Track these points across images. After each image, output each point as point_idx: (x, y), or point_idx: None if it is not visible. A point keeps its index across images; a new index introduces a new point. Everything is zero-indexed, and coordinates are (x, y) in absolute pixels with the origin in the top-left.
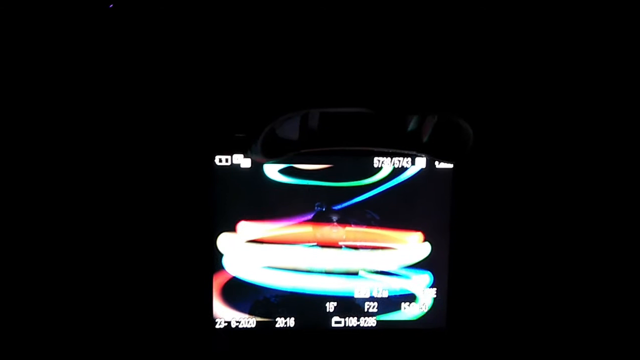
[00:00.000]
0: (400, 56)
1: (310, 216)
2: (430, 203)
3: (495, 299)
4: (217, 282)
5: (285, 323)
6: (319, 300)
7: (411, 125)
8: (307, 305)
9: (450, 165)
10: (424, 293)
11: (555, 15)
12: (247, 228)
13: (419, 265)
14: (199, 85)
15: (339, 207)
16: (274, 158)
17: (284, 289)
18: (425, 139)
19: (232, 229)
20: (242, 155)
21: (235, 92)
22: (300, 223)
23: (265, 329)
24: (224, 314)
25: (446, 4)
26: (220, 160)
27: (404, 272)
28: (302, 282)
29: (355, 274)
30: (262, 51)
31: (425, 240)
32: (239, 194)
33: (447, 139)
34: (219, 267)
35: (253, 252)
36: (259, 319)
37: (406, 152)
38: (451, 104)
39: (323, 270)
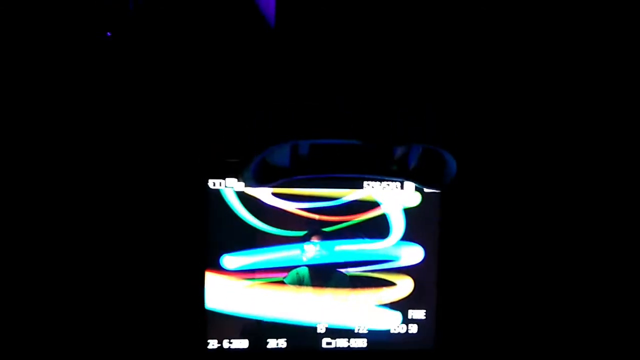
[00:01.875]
0: (386, 88)
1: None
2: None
3: (484, 320)
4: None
5: (277, 344)
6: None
7: (398, 154)
8: (298, 328)
9: (438, 191)
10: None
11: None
12: (233, 261)
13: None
14: (192, 111)
15: (329, 229)
16: (266, 185)
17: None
18: (411, 167)
19: (218, 263)
20: (235, 180)
21: (228, 117)
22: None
23: (257, 350)
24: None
25: (425, 33)
26: (214, 184)
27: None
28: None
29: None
30: (254, 78)
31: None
32: (230, 220)
33: (432, 167)
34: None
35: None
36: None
37: (394, 179)
38: (436, 136)
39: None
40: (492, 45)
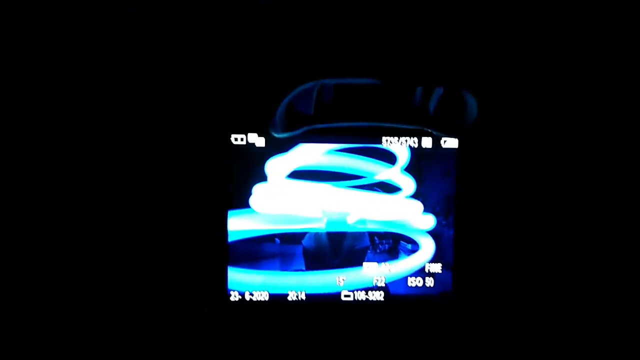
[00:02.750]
0: (408, 29)
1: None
2: (436, 180)
3: (496, 268)
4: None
5: (297, 296)
6: (330, 275)
7: (418, 99)
8: (318, 279)
9: (455, 145)
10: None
11: None
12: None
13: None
14: (214, 71)
15: (348, 184)
16: (291, 132)
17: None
18: (431, 112)
19: (247, 205)
20: (256, 135)
21: (250, 71)
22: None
23: (277, 302)
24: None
25: None
26: (236, 139)
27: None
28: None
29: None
30: (273, 29)
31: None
32: (253, 172)
33: (452, 113)
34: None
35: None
36: (272, 292)
37: (413, 127)
38: (457, 78)
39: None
40: None
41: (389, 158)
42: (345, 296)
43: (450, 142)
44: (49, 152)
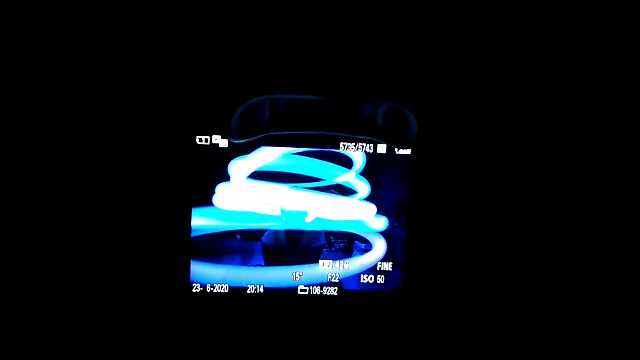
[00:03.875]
0: (356, 49)
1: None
2: (390, 184)
3: (443, 268)
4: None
5: (256, 290)
6: (287, 270)
7: (367, 113)
8: (276, 274)
9: (408, 152)
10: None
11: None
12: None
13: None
14: (182, 75)
15: (306, 185)
16: (247, 138)
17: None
18: (380, 126)
19: (210, 203)
20: (220, 137)
21: (214, 80)
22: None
23: (237, 294)
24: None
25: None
26: (201, 140)
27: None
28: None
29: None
30: (234, 47)
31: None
32: (217, 172)
33: (396, 128)
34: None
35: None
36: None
37: (365, 138)
38: (400, 94)
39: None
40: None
41: (346, 163)
42: (302, 291)
43: (403, 150)
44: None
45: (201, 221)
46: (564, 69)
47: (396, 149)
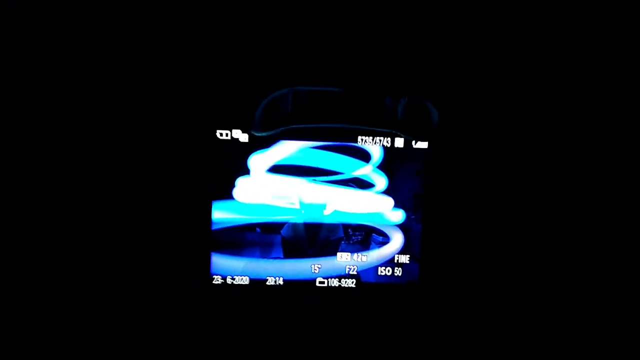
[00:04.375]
0: (377, 42)
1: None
2: (407, 178)
3: (460, 261)
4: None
5: (275, 282)
6: (306, 262)
7: (387, 106)
8: (295, 267)
9: (425, 146)
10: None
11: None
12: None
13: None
14: (203, 70)
15: (324, 179)
16: (270, 131)
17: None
18: (399, 118)
19: (230, 196)
20: (240, 131)
21: (236, 71)
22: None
23: (257, 286)
24: (220, 271)
25: None
26: (221, 134)
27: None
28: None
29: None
30: (255, 41)
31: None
32: (237, 165)
33: (417, 120)
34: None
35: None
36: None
37: (385, 130)
38: (421, 87)
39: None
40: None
41: (364, 156)
42: (320, 282)
43: (420, 143)
44: (37, 147)
45: (221, 214)
46: (579, 67)
47: (413, 143)
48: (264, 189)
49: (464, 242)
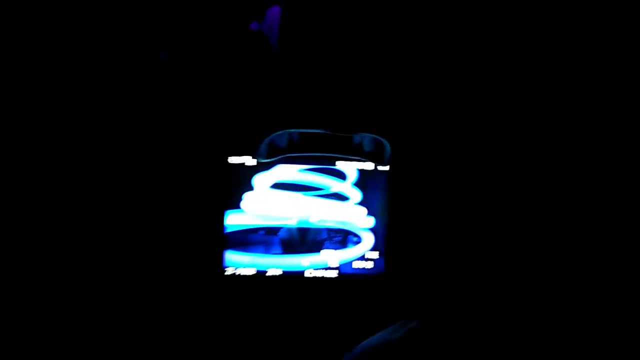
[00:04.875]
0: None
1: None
2: (376, 192)
3: (418, 256)
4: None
5: (274, 273)
6: (298, 258)
7: (356, 141)
8: (290, 261)
9: (387, 169)
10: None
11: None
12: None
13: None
14: (219, 107)
15: (313, 193)
16: (270, 158)
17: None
18: (365, 149)
19: (239, 207)
20: (249, 157)
21: (243, 114)
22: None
23: (260, 276)
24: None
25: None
26: (232, 160)
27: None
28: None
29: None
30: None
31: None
32: (244, 183)
33: (378, 150)
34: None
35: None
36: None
37: (354, 158)
38: (378, 128)
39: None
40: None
41: (342, 176)
42: (309, 273)
43: (382, 167)
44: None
45: (233, 220)
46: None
47: (378, 167)
48: (266, 201)
49: (421, 240)
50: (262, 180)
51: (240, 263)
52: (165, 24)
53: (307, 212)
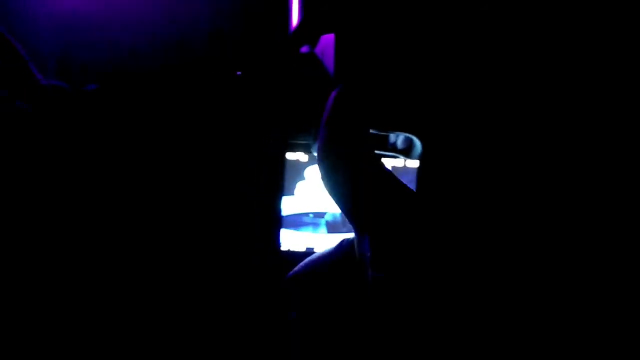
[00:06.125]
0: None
1: None
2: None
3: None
4: None
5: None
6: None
7: (392, 140)
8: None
9: (417, 164)
10: None
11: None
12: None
13: None
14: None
15: None
16: None
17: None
18: (399, 147)
19: (293, 193)
20: (302, 153)
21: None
22: None
23: (309, 253)
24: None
25: None
26: (290, 157)
27: None
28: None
29: None
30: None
31: None
32: (298, 175)
33: (409, 147)
34: None
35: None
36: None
37: (389, 154)
38: (410, 127)
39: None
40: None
41: None
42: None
43: (413, 163)
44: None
45: (287, 205)
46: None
47: (407, 163)
48: (315, 190)
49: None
50: (312, 172)
51: (292, 242)
52: (241, 51)
53: None
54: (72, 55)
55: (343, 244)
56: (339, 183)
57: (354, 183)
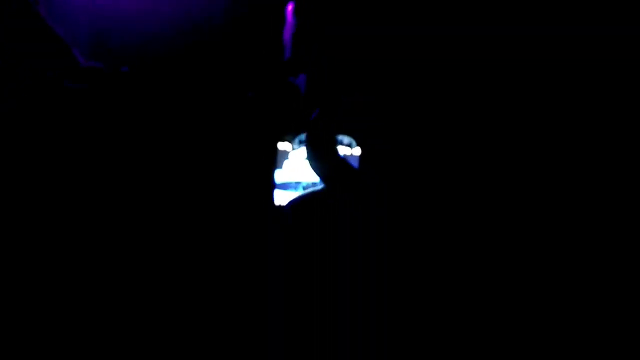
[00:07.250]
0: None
1: None
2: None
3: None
4: None
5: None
6: None
7: (343, 140)
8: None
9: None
10: None
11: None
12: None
13: None
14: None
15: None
16: (298, 147)
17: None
18: (345, 144)
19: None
20: (288, 144)
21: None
22: None
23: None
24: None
25: None
26: (279, 147)
27: None
28: None
29: None
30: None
31: None
32: (286, 158)
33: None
34: None
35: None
36: None
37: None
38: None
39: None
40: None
41: None
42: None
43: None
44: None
45: (278, 175)
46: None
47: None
48: (297, 166)
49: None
50: (294, 157)
51: (282, 199)
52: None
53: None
54: (104, 41)
55: (317, 190)
56: (320, 163)
57: (327, 163)
